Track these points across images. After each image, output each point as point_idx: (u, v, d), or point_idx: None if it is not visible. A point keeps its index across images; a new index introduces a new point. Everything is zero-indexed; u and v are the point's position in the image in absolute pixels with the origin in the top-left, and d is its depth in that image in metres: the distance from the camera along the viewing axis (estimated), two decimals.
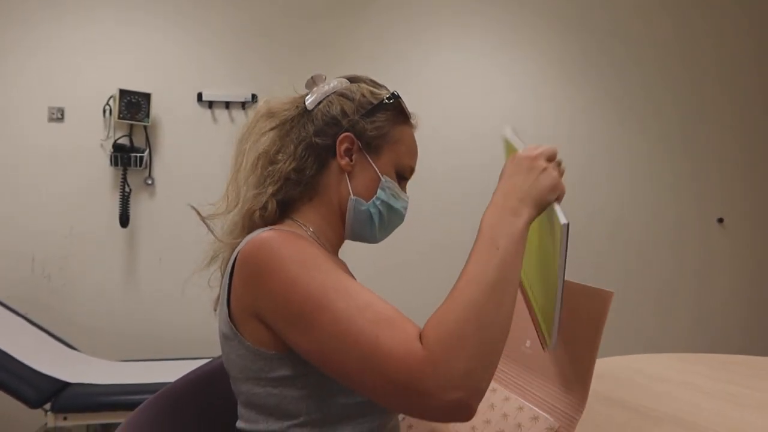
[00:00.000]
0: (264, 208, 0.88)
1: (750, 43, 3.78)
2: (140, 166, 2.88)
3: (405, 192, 0.97)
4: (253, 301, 0.74)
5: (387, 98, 0.92)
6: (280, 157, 0.90)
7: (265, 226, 0.87)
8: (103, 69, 2.93)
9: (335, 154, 0.90)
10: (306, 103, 0.93)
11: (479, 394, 0.63)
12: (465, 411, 0.62)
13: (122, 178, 2.85)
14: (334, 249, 0.94)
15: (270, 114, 0.93)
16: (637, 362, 1.28)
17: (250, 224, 0.88)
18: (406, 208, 0.96)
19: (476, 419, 0.90)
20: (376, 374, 0.64)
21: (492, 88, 3.39)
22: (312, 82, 0.96)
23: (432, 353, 0.61)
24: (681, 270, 3.61)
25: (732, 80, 3.73)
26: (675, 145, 3.63)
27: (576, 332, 0.82)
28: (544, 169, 0.77)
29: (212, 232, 0.90)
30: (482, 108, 3.37)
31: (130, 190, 2.89)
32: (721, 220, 3.68)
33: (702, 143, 3.67)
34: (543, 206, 0.75)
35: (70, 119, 2.90)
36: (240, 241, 0.83)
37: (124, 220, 2.86)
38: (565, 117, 3.48)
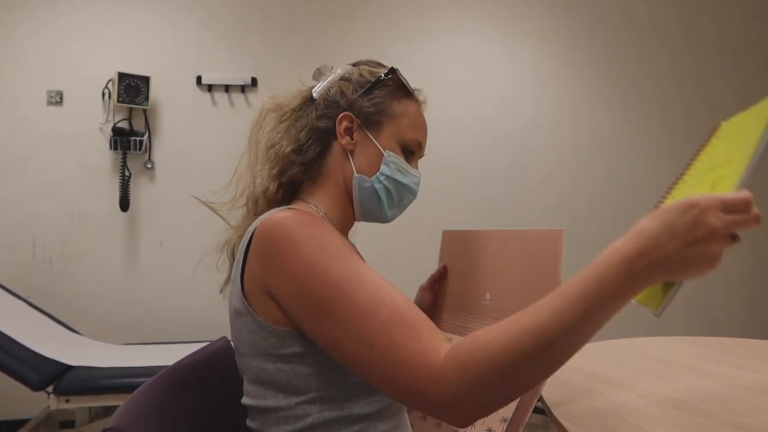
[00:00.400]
0: (264, 192, 0.89)
1: (756, 36, 3.74)
2: (140, 150, 2.87)
3: (416, 168, 0.95)
4: (269, 279, 0.74)
5: (385, 74, 0.92)
6: (283, 142, 0.91)
7: (269, 208, 0.88)
8: (102, 52, 2.91)
9: (336, 136, 0.91)
10: (313, 94, 0.93)
11: (476, 418, 0.63)
12: (468, 422, 0.63)
13: (122, 162, 2.85)
14: (344, 231, 0.94)
15: (277, 108, 0.94)
16: (636, 344, 1.28)
17: (255, 208, 0.90)
18: (417, 184, 0.94)
19: None
20: (386, 377, 0.65)
21: (494, 74, 3.37)
22: (318, 73, 0.96)
23: (446, 378, 0.60)
24: None
25: (737, 72, 3.70)
26: (678, 135, 3.60)
27: (535, 275, 0.85)
28: (711, 228, 0.54)
29: (226, 221, 0.92)
30: (485, 94, 3.35)
31: (130, 174, 2.89)
32: None
33: (705, 134, 3.64)
34: (681, 276, 0.57)
35: (68, 103, 2.88)
36: (248, 224, 0.85)
37: (125, 204, 2.85)
38: (568, 105, 3.46)
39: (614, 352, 1.21)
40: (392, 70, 0.93)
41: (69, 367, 2.15)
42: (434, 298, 1.09)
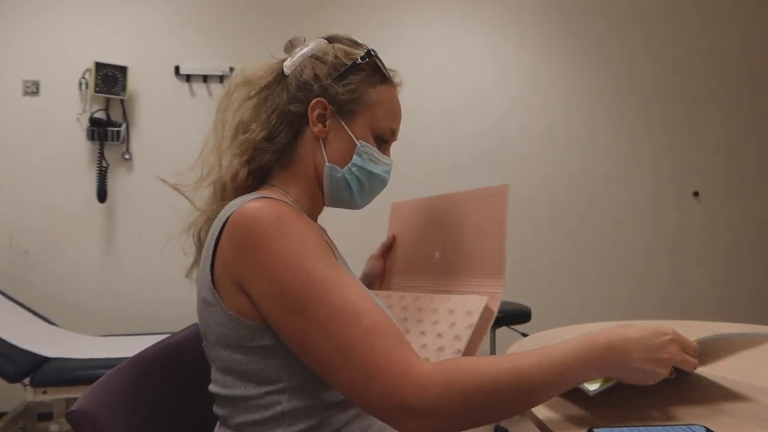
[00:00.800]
0: (233, 178, 0.86)
1: (732, 17, 3.79)
2: (117, 140, 2.84)
3: (388, 155, 0.94)
4: (242, 272, 0.72)
5: (361, 58, 0.89)
6: (253, 127, 0.88)
7: (238, 194, 0.85)
8: (79, 42, 2.88)
9: (308, 122, 0.88)
10: (284, 68, 0.90)
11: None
12: None
13: (99, 153, 2.82)
14: (313, 217, 0.93)
15: (246, 82, 0.90)
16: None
17: (222, 193, 0.87)
18: (388, 172, 0.93)
19: (415, 329, 0.95)
20: (362, 384, 0.65)
21: (473, 63, 3.38)
22: (290, 46, 0.92)
23: (428, 386, 0.63)
24: (656, 242, 3.67)
25: (711, 55, 3.75)
26: (653, 119, 3.65)
27: (483, 228, 0.88)
28: (663, 365, 0.69)
29: (192, 201, 0.89)
30: (463, 83, 3.37)
31: (108, 164, 2.86)
32: (696, 194, 3.74)
33: (679, 118, 3.69)
34: (629, 378, 0.70)
35: (45, 93, 2.85)
36: (215, 209, 0.83)
37: (102, 195, 2.83)
38: (544, 89, 3.49)
39: (576, 335, 1.23)
40: (369, 53, 0.89)
41: (46, 359, 2.14)
42: (384, 266, 1.11)
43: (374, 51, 0.90)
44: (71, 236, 2.87)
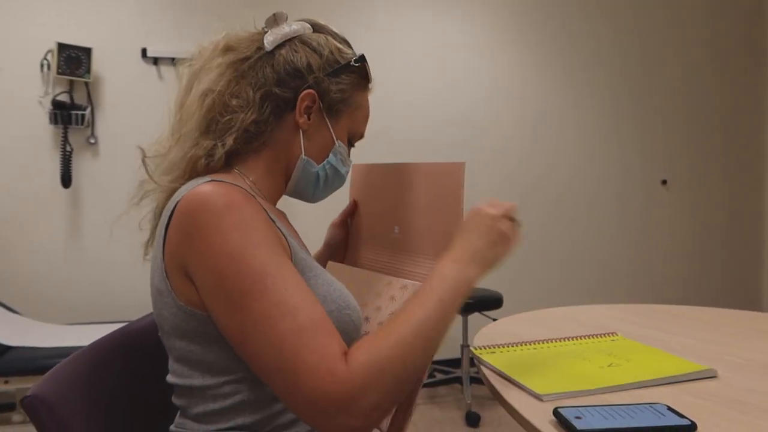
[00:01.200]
0: (210, 156, 0.82)
1: (697, 13, 3.85)
2: (82, 124, 2.77)
3: (349, 157, 0.96)
4: (186, 259, 0.70)
5: (355, 60, 0.89)
6: (235, 103, 0.83)
7: (208, 173, 0.82)
8: (40, 21, 2.78)
9: (293, 109, 0.86)
10: (265, 42, 0.87)
11: (374, 427, 0.66)
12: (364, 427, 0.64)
13: (63, 137, 2.74)
14: (273, 200, 0.91)
15: (228, 48, 0.86)
16: (572, 312, 1.32)
17: (191, 171, 0.82)
18: (348, 173, 0.96)
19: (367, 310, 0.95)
20: (289, 381, 0.63)
21: (446, 46, 3.38)
22: (273, 20, 0.89)
23: (354, 379, 0.62)
24: (625, 229, 3.73)
25: (680, 45, 3.81)
26: (623, 109, 3.70)
27: (439, 205, 0.88)
28: (502, 232, 0.79)
29: (147, 170, 0.85)
30: (435, 67, 3.36)
31: (72, 149, 2.79)
32: (664, 182, 3.81)
33: (649, 109, 3.75)
34: (493, 267, 0.79)
35: (5, 74, 2.75)
36: (177, 186, 0.79)
37: (66, 180, 2.76)
38: (517, 78, 3.50)
39: (549, 319, 1.24)
40: (362, 58, 0.90)
41: (8, 348, 2.09)
42: (346, 234, 1.10)
43: (364, 56, 0.91)
44: (34, 222, 2.79)
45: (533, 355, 0.95)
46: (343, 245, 1.10)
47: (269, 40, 0.87)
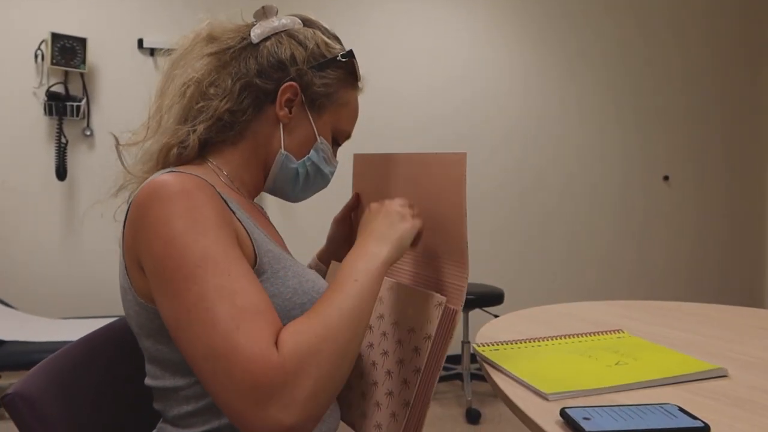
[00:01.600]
0: (184, 145, 0.80)
1: (699, 10, 3.82)
2: (77, 116, 2.73)
3: (336, 157, 0.93)
4: (138, 251, 0.67)
5: (342, 55, 0.86)
6: (212, 92, 0.81)
7: (181, 164, 0.80)
8: (33, 10, 2.74)
9: (274, 101, 0.83)
10: (251, 35, 0.85)
11: (314, 422, 0.61)
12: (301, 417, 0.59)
13: (58, 129, 2.70)
14: (250, 194, 0.88)
15: (211, 38, 0.85)
16: (575, 309, 1.29)
17: (164, 160, 0.81)
18: (333, 174, 0.93)
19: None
20: (219, 366, 0.58)
21: (447, 39, 3.34)
22: (262, 13, 0.87)
23: (285, 362, 0.58)
24: (627, 225, 3.71)
25: (682, 39, 3.77)
26: (624, 104, 3.67)
27: (441, 198, 0.82)
28: (397, 212, 0.79)
29: (121, 160, 0.83)
30: (437, 59, 3.32)
31: (67, 141, 2.75)
32: (666, 178, 3.78)
33: (651, 103, 3.72)
34: (401, 246, 0.77)
35: None
36: (147, 178, 0.76)
37: (61, 173, 2.72)
38: (519, 72, 3.47)
39: (552, 315, 1.22)
40: (350, 54, 0.87)
41: (1, 342, 2.06)
42: (350, 229, 1.06)
43: (353, 52, 0.88)
44: (29, 216, 2.76)
45: (537, 352, 0.92)
46: (346, 242, 1.05)
47: (256, 32, 0.85)
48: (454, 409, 2.80)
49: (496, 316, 1.24)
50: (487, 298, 2.81)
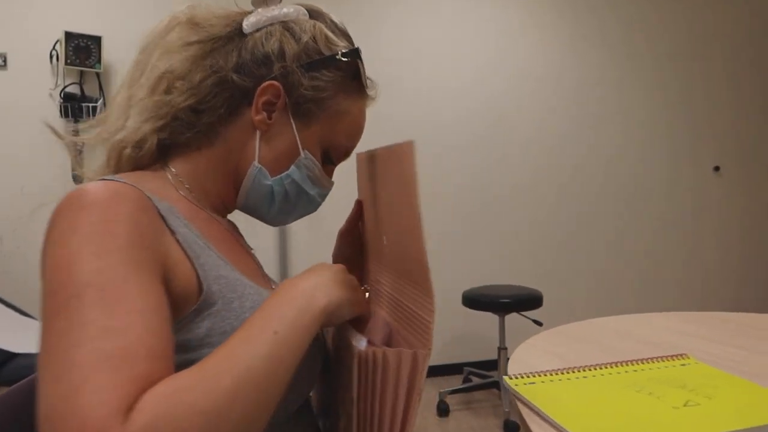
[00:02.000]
0: (139, 145, 0.68)
1: None
2: (94, 117, 2.65)
3: (330, 178, 0.77)
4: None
5: (343, 54, 0.71)
6: (179, 86, 0.68)
7: (135, 168, 0.68)
8: (48, 10, 2.68)
9: (251, 103, 0.69)
10: (244, 24, 0.72)
11: None
12: None
13: (73, 132, 2.63)
14: (215, 209, 0.73)
15: (192, 24, 0.72)
16: (626, 323, 1.11)
17: (117, 161, 0.69)
18: (324, 197, 0.77)
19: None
20: (52, 412, 0.42)
21: (479, 29, 3.16)
22: (263, 0, 0.74)
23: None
24: (674, 220, 3.47)
25: (729, 28, 3.52)
26: (670, 92, 3.43)
27: (400, 208, 0.61)
28: (350, 278, 0.66)
29: (71, 157, 0.75)
30: (465, 57, 3.15)
31: (83, 144, 2.67)
32: (717, 169, 3.52)
33: (699, 90, 3.47)
34: (340, 309, 0.61)
35: (13, 66, 2.67)
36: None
37: (77, 176, 2.65)
38: (555, 60, 3.27)
39: (597, 334, 1.04)
40: (354, 53, 0.72)
41: (14, 355, 2.00)
42: (356, 242, 0.87)
43: (360, 52, 0.72)
44: (46, 221, 2.70)
45: (583, 386, 0.75)
46: (354, 259, 0.86)
47: (250, 21, 0.71)
48: (490, 420, 2.63)
49: (536, 322, 1.06)
50: (525, 302, 2.62)
